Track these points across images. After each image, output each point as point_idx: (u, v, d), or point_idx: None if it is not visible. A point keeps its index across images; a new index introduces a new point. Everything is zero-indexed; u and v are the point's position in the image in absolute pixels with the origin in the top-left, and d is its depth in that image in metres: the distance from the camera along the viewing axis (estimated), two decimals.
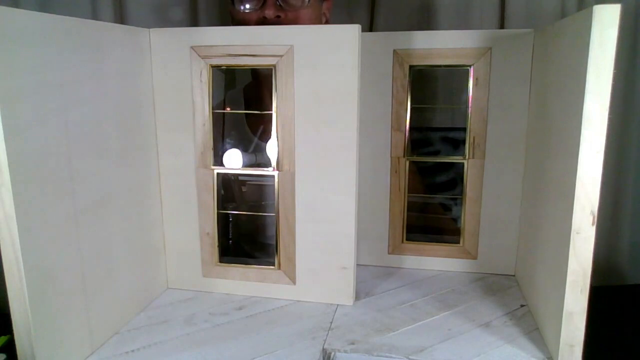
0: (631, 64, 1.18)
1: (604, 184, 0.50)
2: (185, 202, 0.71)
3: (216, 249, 0.72)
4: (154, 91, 0.69)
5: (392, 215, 0.80)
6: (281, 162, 0.67)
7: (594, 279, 0.53)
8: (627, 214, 1.26)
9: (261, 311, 0.68)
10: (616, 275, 1.25)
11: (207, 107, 0.68)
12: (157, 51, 0.67)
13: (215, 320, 0.66)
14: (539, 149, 0.67)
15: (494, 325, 0.64)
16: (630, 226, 1.27)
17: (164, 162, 0.71)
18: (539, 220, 0.66)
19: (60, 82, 0.51)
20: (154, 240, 0.71)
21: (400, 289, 0.75)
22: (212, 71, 0.67)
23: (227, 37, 0.65)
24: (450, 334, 0.62)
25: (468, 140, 0.76)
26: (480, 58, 0.73)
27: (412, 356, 0.58)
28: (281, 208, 0.68)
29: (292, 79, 0.64)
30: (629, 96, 1.20)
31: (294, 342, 0.61)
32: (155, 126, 0.70)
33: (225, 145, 0.78)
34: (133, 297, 0.67)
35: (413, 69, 0.75)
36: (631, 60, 1.18)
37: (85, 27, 0.55)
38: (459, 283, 0.77)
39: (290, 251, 0.69)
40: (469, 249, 0.80)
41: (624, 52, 1.16)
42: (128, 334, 0.63)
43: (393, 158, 0.78)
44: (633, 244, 1.28)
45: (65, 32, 0.52)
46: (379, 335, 0.62)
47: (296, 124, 0.66)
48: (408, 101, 0.76)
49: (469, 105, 0.75)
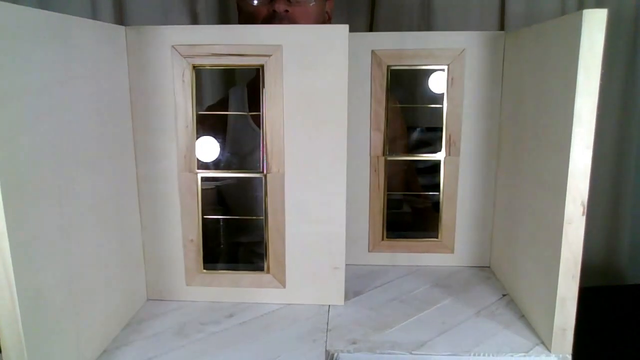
0: (630, 66, 1.22)
1: (603, 185, 0.53)
2: (166, 209, 0.68)
3: (201, 255, 0.69)
4: (130, 93, 0.65)
5: (371, 213, 0.81)
6: (270, 164, 0.66)
7: (593, 279, 0.56)
8: (627, 215, 1.30)
9: (253, 317, 0.67)
10: (616, 275, 1.28)
11: (190, 109, 0.65)
12: (135, 50, 0.64)
13: (209, 330, 0.64)
14: (516, 146, 0.70)
15: (483, 315, 0.67)
16: (631, 226, 1.30)
17: (142, 167, 0.67)
18: (519, 214, 0.69)
19: (24, 85, 0.45)
20: (133, 250, 0.67)
21: (386, 286, 0.76)
22: (195, 72, 0.64)
23: (211, 36, 0.63)
24: (445, 326, 0.64)
25: (444, 138, 0.78)
26: (455, 58, 0.75)
27: (415, 351, 0.59)
28: (270, 211, 0.67)
29: (281, 79, 0.63)
30: (629, 97, 1.24)
31: (296, 345, 0.60)
32: (132, 130, 0.66)
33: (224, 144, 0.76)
34: (115, 312, 0.63)
35: (391, 69, 0.76)
36: (630, 62, 1.22)
37: (52, 20, 0.49)
38: (439, 277, 0.79)
39: (279, 254, 0.68)
40: (446, 243, 0.82)
41: (623, 55, 1.21)
42: (118, 351, 0.60)
43: (372, 157, 0.79)
44: (633, 244, 1.32)
45: (29, 25, 0.45)
46: (377, 333, 0.62)
47: (285, 125, 0.65)
48: (386, 101, 0.77)
49: (444, 104, 0.77)
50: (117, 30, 0.62)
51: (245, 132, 0.91)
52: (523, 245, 0.68)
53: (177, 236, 0.69)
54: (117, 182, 0.63)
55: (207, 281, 0.70)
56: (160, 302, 0.71)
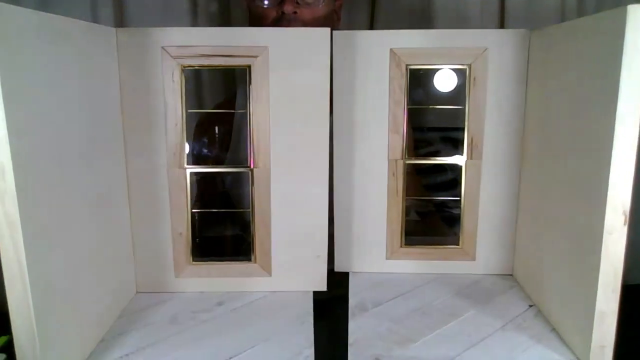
0: None
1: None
2: (156, 204, 0.71)
3: (189, 248, 0.72)
4: (121, 92, 0.67)
5: (389, 219, 0.78)
6: (256, 159, 0.69)
7: None
8: None
9: (242, 304, 0.70)
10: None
11: (179, 108, 0.68)
12: (125, 51, 0.66)
13: (200, 317, 0.67)
14: (543, 149, 0.67)
15: (510, 329, 0.64)
16: (631, 226, 1.32)
17: (132, 163, 0.69)
18: (548, 221, 0.66)
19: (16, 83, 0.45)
20: (124, 244, 0.70)
21: (406, 295, 0.73)
22: (184, 72, 0.67)
23: (201, 38, 0.66)
24: (472, 340, 0.61)
25: (466, 141, 0.75)
26: (477, 58, 0.72)
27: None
28: (256, 204, 0.71)
29: (267, 79, 0.67)
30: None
31: (285, 328, 0.64)
32: (123, 128, 0.68)
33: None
34: (108, 304, 0.65)
35: (410, 69, 0.73)
36: None
37: (43, 21, 0.50)
38: (461, 286, 0.75)
39: (265, 245, 0.72)
40: (467, 250, 0.79)
41: None
42: (114, 340, 0.62)
43: (390, 160, 0.76)
44: (633, 243, 1.32)
45: (21, 26, 0.46)
46: (401, 348, 0.60)
47: (271, 123, 0.69)
48: (405, 102, 0.74)
49: (466, 105, 0.74)
50: (107, 32, 0.65)
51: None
52: (553, 254, 0.65)
53: (166, 229, 0.71)
54: (109, 178, 0.65)
55: (196, 272, 0.73)
56: (151, 294, 0.73)
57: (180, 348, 0.60)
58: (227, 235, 0.87)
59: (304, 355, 0.59)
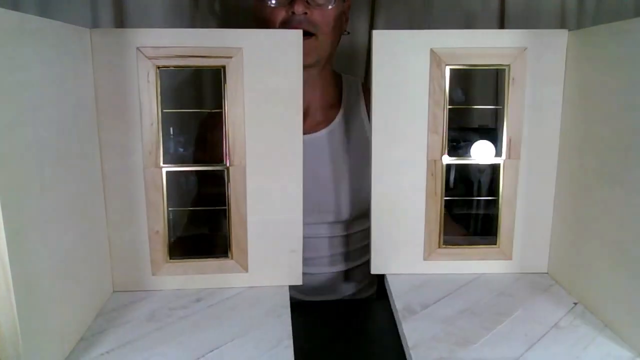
0: None
1: None
2: (132, 202, 0.71)
3: (166, 246, 0.73)
4: (96, 92, 0.68)
5: (427, 220, 0.78)
6: (232, 157, 0.71)
7: None
8: None
9: (219, 300, 0.72)
10: None
11: (154, 107, 0.69)
12: (100, 52, 0.67)
13: (178, 314, 0.68)
14: (586, 147, 0.68)
15: (563, 327, 0.65)
16: None
17: (108, 163, 0.70)
18: (593, 218, 0.67)
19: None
20: (100, 243, 0.70)
21: (451, 296, 0.73)
22: (159, 72, 0.68)
23: (176, 39, 0.67)
24: (530, 339, 0.62)
25: (505, 140, 0.76)
26: (517, 58, 0.73)
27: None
28: (233, 201, 0.72)
29: (241, 79, 0.69)
30: None
31: (263, 321, 0.66)
32: (97, 128, 0.69)
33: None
34: (85, 303, 0.66)
35: (450, 69, 0.74)
36: None
37: (14, 20, 0.49)
38: (500, 285, 0.76)
39: (242, 241, 0.74)
40: (504, 249, 0.79)
41: None
42: (94, 338, 0.62)
43: (429, 161, 0.76)
44: None
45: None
46: (463, 350, 0.60)
47: (246, 122, 0.70)
48: (445, 102, 0.74)
49: (505, 105, 0.75)
50: (82, 32, 0.65)
51: None
52: (596, 251, 0.66)
53: (142, 228, 0.72)
54: (84, 177, 0.66)
55: (173, 270, 0.74)
56: (127, 293, 0.74)
57: (159, 344, 0.61)
58: (205, 233, 0.88)
59: (283, 345, 0.61)
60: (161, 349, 0.60)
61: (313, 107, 0.96)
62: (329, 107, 0.97)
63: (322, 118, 0.96)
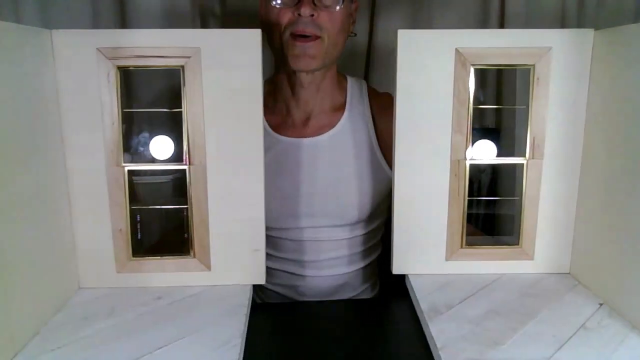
0: None
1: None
2: (96, 201, 0.72)
3: (129, 244, 0.74)
4: (58, 92, 0.69)
5: (450, 220, 0.78)
6: (192, 156, 0.72)
7: None
8: None
9: (180, 298, 0.72)
10: None
11: (115, 107, 0.70)
12: (61, 52, 0.68)
13: (137, 311, 0.69)
14: (612, 146, 0.68)
15: (591, 328, 0.64)
16: None
17: (71, 162, 0.71)
18: (618, 218, 0.67)
19: None
20: (64, 240, 0.72)
21: (475, 296, 0.73)
22: (120, 72, 0.69)
23: (135, 39, 0.68)
24: (558, 340, 0.61)
25: (528, 140, 0.76)
26: (542, 57, 0.73)
27: None
28: (194, 200, 0.73)
29: (200, 78, 0.69)
30: None
31: (218, 320, 0.66)
32: (61, 127, 0.70)
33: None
34: (46, 299, 0.67)
35: (475, 69, 0.74)
36: None
37: None
38: (523, 286, 0.76)
39: (204, 240, 0.74)
40: (526, 250, 0.79)
41: None
42: (49, 333, 0.64)
43: (453, 161, 0.76)
44: None
45: None
46: (492, 350, 0.60)
47: (206, 121, 0.71)
48: (470, 102, 0.74)
49: (529, 105, 0.75)
50: (41, 33, 0.66)
51: None
52: (622, 251, 0.66)
53: (106, 226, 0.73)
54: (47, 176, 0.67)
55: (137, 268, 0.75)
56: (93, 289, 0.75)
57: (111, 340, 0.62)
58: (168, 231, 0.88)
59: (232, 344, 0.61)
60: (112, 345, 0.61)
61: (317, 110, 0.95)
62: (333, 110, 0.95)
63: (326, 122, 0.94)
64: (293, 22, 0.84)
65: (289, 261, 0.97)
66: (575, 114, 0.75)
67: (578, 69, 0.73)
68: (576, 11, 1.18)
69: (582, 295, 0.73)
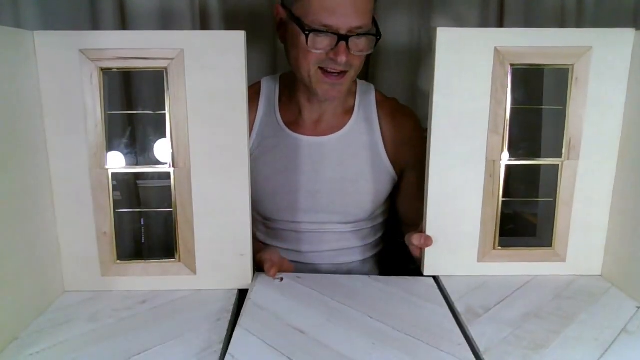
0: None
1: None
2: (80, 204, 0.72)
3: (114, 247, 0.73)
4: (41, 95, 0.68)
5: (484, 221, 0.77)
6: (176, 159, 0.71)
7: None
8: None
9: (164, 302, 0.72)
10: None
11: (99, 109, 0.69)
12: (44, 54, 0.68)
13: (119, 315, 0.68)
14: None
15: (632, 331, 0.63)
16: None
17: (55, 165, 0.71)
18: None
19: None
20: (48, 243, 0.71)
21: (511, 298, 0.72)
22: (103, 74, 0.69)
23: (118, 41, 0.68)
24: (601, 344, 0.61)
25: (565, 141, 0.75)
26: (581, 57, 0.72)
27: None
28: (179, 203, 0.72)
29: (183, 80, 0.69)
30: None
31: (201, 325, 0.65)
32: (44, 130, 0.69)
33: None
34: (28, 303, 0.67)
35: (513, 68, 0.72)
36: None
37: None
38: (557, 288, 0.75)
39: (189, 244, 0.73)
40: (559, 251, 0.78)
41: None
42: (28, 338, 0.63)
43: (488, 161, 0.75)
44: None
45: None
46: (536, 354, 0.59)
47: (190, 123, 0.70)
48: (507, 101, 0.73)
49: (567, 105, 0.74)
50: (22, 35, 0.66)
51: None
52: None
53: (91, 229, 0.73)
54: (30, 179, 0.67)
55: (122, 271, 0.74)
56: (78, 292, 0.74)
57: (92, 344, 0.61)
58: (153, 234, 0.88)
59: (212, 350, 0.60)
60: (91, 350, 0.60)
61: (329, 113, 0.97)
62: (344, 113, 0.98)
63: (335, 123, 0.97)
64: (324, 59, 0.83)
65: (290, 252, 0.99)
66: (613, 115, 0.74)
67: (617, 69, 0.72)
68: (575, 10, 1.17)
69: (618, 298, 0.72)
